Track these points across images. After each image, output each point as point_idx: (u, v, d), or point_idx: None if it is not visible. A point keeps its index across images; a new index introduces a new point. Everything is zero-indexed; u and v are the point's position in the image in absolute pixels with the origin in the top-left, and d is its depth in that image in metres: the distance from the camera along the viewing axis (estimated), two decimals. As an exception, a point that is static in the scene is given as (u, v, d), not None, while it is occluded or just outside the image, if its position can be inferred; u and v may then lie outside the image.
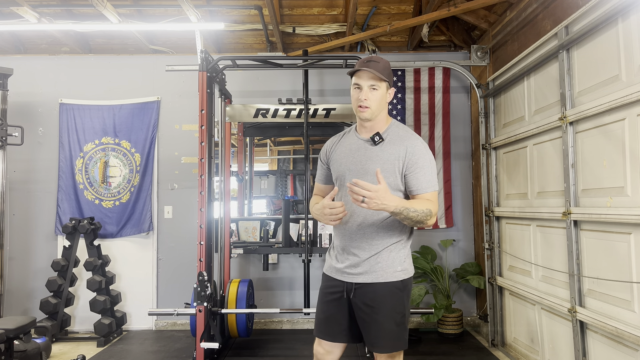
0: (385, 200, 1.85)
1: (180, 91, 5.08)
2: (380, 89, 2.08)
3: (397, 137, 2.11)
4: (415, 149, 2.06)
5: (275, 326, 4.95)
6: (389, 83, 2.11)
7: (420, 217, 1.94)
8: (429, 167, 2.06)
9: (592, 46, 2.84)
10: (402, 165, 2.05)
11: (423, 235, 5.01)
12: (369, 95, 2.06)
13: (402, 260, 2.10)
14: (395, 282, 2.06)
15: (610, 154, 2.65)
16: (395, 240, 2.09)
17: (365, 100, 2.06)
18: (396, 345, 2.07)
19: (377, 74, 2.03)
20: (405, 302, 2.10)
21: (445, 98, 5.03)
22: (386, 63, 2.11)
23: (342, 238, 2.16)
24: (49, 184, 4.99)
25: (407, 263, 2.13)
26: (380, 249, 2.07)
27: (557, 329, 3.25)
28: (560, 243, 3.17)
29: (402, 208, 1.90)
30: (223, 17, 4.76)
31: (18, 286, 4.90)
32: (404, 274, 2.10)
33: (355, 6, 4.23)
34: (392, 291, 2.05)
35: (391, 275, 2.06)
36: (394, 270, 2.07)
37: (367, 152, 2.12)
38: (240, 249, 4.42)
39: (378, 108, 2.09)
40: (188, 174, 5.03)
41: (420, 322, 4.88)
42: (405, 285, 2.10)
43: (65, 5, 4.43)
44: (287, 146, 5.92)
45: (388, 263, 2.07)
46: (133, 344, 4.46)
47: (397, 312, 2.06)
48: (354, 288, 2.08)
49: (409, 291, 2.13)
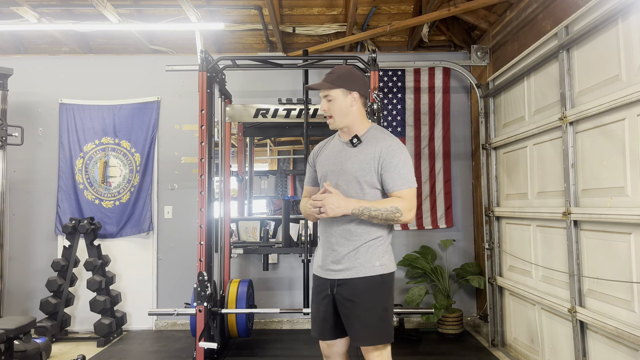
0: (340, 205, 2.01)
1: (180, 91, 5.08)
2: (336, 98, 2.18)
3: (373, 139, 2.20)
4: (390, 149, 2.15)
5: (275, 326, 4.95)
6: (346, 88, 2.18)
7: (385, 215, 2.05)
8: (402, 166, 2.13)
9: (592, 46, 2.84)
10: (378, 164, 2.14)
11: (423, 235, 5.01)
12: (327, 106, 2.21)
13: (380, 255, 2.16)
14: (374, 276, 2.13)
15: (610, 154, 2.65)
16: (373, 237, 2.16)
17: (325, 111, 2.22)
18: (379, 338, 2.12)
19: (324, 84, 2.17)
20: (387, 297, 2.16)
21: (445, 98, 5.03)
22: (343, 70, 2.21)
23: (324, 237, 2.26)
24: (49, 184, 4.99)
25: (386, 259, 2.18)
26: (358, 245, 2.15)
27: (557, 329, 3.25)
28: (560, 243, 3.17)
29: (362, 208, 2.04)
30: (223, 17, 4.76)
31: (18, 286, 4.90)
32: (383, 268, 2.15)
33: (355, 6, 4.23)
34: (372, 285, 2.12)
35: (370, 270, 2.13)
36: (373, 265, 2.13)
37: (347, 154, 2.23)
38: (240, 249, 4.43)
39: (340, 115, 2.20)
40: (188, 174, 5.03)
41: (420, 322, 4.88)
42: (385, 280, 2.16)
43: (65, 5, 4.43)
44: (287, 146, 5.92)
45: (367, 258, 2.14)
46: (133, 344, 4.46)
47: (378, 306, 2.13)
48: (336, 284, 2.17)
49: (390, 286, 2.19)
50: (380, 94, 3.59)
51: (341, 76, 2.18)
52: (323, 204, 2.03)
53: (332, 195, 2.04)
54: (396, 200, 2.09)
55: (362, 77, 2.25)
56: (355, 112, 2.21)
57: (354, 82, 2.20)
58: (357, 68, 3.87)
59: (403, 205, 2.08)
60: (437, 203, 4.99)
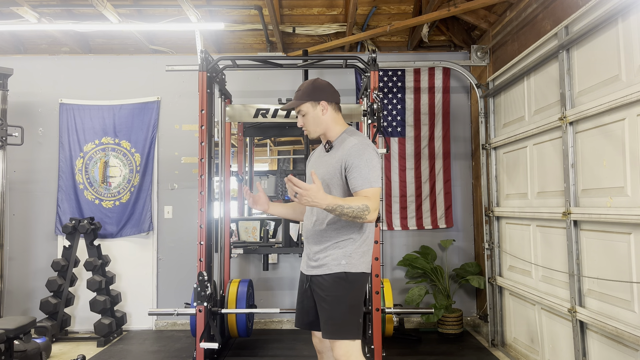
0: (317, 198, 2.01)
1: (180, 91, 5.08)
2: (307, 112, 2.31)
3: (341, 142, 2.29)
4: (351, 151, 2.20)
5: (275, 326, 4.95)
6: (312, 100, 2.29)
7: (356, 212, 2.07)
8: (364, 166, 2.17)
9: (592, 46, 2.84)
10: (342, 167, 2.22)
11: (423, 235, 5.01)
12: (302, 121, 2.34)
13: (348, 255, 2.23)
14: (339, 272, 2.21)
15: (610, 154, 2.65)
16: (342, 238, 2.24)
17: (302, 126, 2.35)
18: (340, 333, 2.18)
19: (294, 102, 2.31)
20: (351, 294, 2.22)
21: (445, 98, 5.03)
22: (307, 84, 2.32)
23: (305, 236, 2.40)
24: (49, 184, 4.99)
25: (355, 259, 2.23)
26: (329, 244, 2.25)
27: (557, 329, 3.25)
28: (560, 243, 3.17)
29: (335, 205, 2.05)
30: (223, 17, 4.76)
31: (18, 286, 4.91)
32: (349, 267, 2.22)
33: (355, 6, 4.23)
34: (336, 281, 2.21)
35: (335, 267, 2.22)
36: (338, 263, 2.22)
37: (322, 159, 2.37)
38: (240, 249, 4.43)
39: (314, 125, 2.32)
40: (188, 174, 5.03)
41: (420, 322, 4.88)
42: (350, 278, 2.21)
43: (65, 5, 4.43)
44: (287, 146, 5.92)
45: (334, 257, 2.23)
46: (133, 344, 4.46)
47: (341, 302, 2.20)
48: (310, 279, 2.31)
49: (356, 285, 2.24)
50: (380, 94, 3.58)
51: (306, 90, 2.31)
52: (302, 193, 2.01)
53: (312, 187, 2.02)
54: (364, 199, 2.12)
55: (326, 85, 2.35)
56: (328, 119, 2.31)
57: (319, 92, 2.31)
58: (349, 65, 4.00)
59: (369, 203, 2.10)
60: (437, 203, 4.99)
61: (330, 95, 2.33)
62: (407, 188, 4.99)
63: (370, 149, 2.23)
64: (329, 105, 2.31)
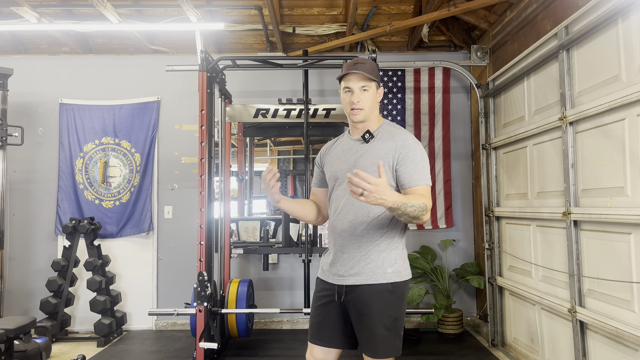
0: (385, 194, 1.72)
1: (180, 91, 5.08)
2: (370, 90, 2.09)
3: (387, 134, 2.11)
4: (406, 143, 2.04)
5: (275, 326, 4.95)
6: (378, 82, 2.13)
7: (417, 212, 1.85)
8: (420, 161, 2.01)
9: (592, 46, 2.84)
10: (393, 159, 2.02)
11: (423, 235, 5.01)
12: (361, 97, 2.07)
13: (392, 261, 2.02)
14: (385, 284, 1.98)
15: (610, 154, 2.65)
16: (386, 240, 2.02)
17: (359, 102, 2.06)
18: (386, 351, 1.98)
19: (366, 75, 2.05)
20: (397, 306, 2.01)
21: (445, 98, 5.03)
22: (373, 64, 2.13)
23: (333, 238, 2.11)
24: (49, 184, 4.99)
25: (400, 265, 2.03)
26: (370, 248, 2.02)
27: (557, 329, 3.25)
28: (560, 243, 3.17)
29: (400, 203, 1.79)
30: (223, 17, 4.76)
31: (18, 286, 4.91)
32: (395, 276, 2.01)
33: (355, 6, 4.23)
34: (381, 293, 1.98)
35: (381, 277, 1.99)
36: (384, 272, 2.00)
37: (359, 150, 2.11)
38: (240, 249, 4.42)
39: (371, 108, 2.10)
40: (188, 174, 5.03)
41: (420, 322, 4.88)
42: (397, 289, 2.00)
43: (65, 5, 4.43)
44: (287, 146, 5.92)
45: (377, 264, 2.00)
46: (133, 344, 4.46)
47: (388, 316, 1.98)
48: (345, 291, 2.03)
49: (403, 295, 2.03)
50: (380, 94, 3.58)
51: (374, 69, 2.11)
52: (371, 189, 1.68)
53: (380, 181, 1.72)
54: (422, 197, 1.92)
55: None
56: (376, 106, 2.15)
57: (379, 78, 2.16)
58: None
59: (429, 203, 1.92)
60: (437, 203, 4.99)
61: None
62: (407, 188, 4.98)
63: (421, 145, 2.09)
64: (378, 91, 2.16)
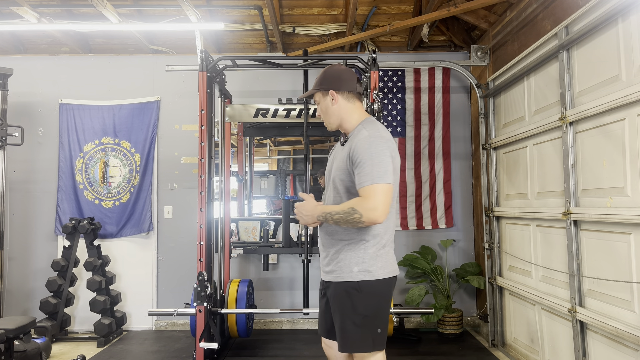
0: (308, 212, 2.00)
1: (180, 91, 5.08)
2: (319, 101, 2.19)
3: (352, 136, 2.10)
4: (357, 145, 2.01)
5: (275, 326, 4.95)
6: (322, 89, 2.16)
7: (344, 217, 1.93)
8: (365, 161, 1.96)
9: (592, 46, 2.84)
10: (350, 162, 2.03)
11: (423, 235, 5.01)
12: (318, 110, 2.23)
13: (360, 260, 2.03)
14: (351, 282, 2.02)
15: (610, 154, 2.65)
16: (354, 238, 2.05)
17: (320, 117, 2.23)
18: (354, 346, 2.02)
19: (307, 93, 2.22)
20: (366, 303, 2.01)
21: (445, 98, 5.03)
22: (322, 72, 2.19)
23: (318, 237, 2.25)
24: (49, 184, 4.99)
25: (369, 264, 2.02)
26: (340, 247, 2.07)
27: (557, 329, 3.25)
28: (560, 243, 3.17)
29: (325, 214, 1.98)
30: (223, 17, 4.76)
31: (18, 286, 4.90)
32: (363, 275, 2.02)
33: (355, 6, 4.23)
34: (348, 291, 2.02)
35: (347, 276, 2.03)
36: (350, 271, 2.03)
37: (337, 154, 2.20)
38: (240, 249, 4.42)
39: (327, 116, 2.18)
40: (188, 174, 5.03)
41: (420, 322, 4.88)
42: (365, 287, 2.01)
43: (65, 5, 4.43)
44: (287, 146, 5.92)
45: (345, 263, 2.05)
46: (133, 344, 4.46)
47: (356, 313, 2.01)
48: (325, 285, 2.17)
49: (374, 293, 2.03)
50: (380, 94, 3.59)
51: (319, 79, 2.17)
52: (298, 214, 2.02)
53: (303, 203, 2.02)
54: (354, 201, 1.95)
55: (338, 72, 2.16)
56: (339, 110, 2.14)
57: (328, 80, 2.14)
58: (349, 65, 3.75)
59: (360, 204, 1.91)
60: (437, 203, 4.99)
61: (340, 82, 2.13)
62: (407, 188, 4.99)
63: (380, 140, 2.00)
64: (338, 94, 2.13)
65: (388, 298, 2.09)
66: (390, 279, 2.07)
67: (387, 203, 1.93)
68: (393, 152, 2.04)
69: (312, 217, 2.03)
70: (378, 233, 2.06)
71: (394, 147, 2.07)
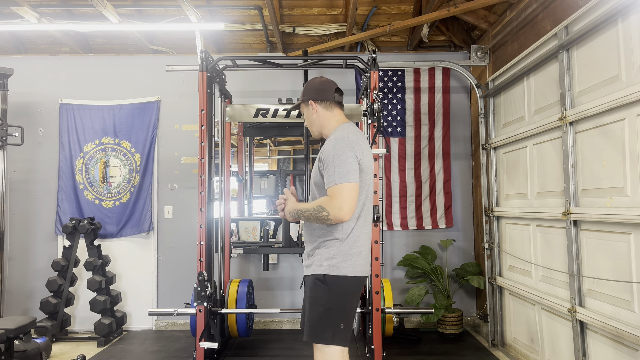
0: (286, 207, 2.22)
1: (180, 91, 5.08)
2: (303, 112, 2.39)
3: (326, 141, 2.27)
4: (324, 148, 2.19)
5: (275, 326, 4.95)
6: (303, 100, 2.36)
7: (313, 214, 2.08)
8: (330, 162, 2.10)
9: (592, 46, 2.84)
10: (320, 165, 2.19)
11: (423, 235, 5.01)
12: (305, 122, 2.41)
13: (331, 256, 2.14)
14: (318, 274, 2.14)
15: (610, 154, 2.65)
16: (329, 237, 2.17)
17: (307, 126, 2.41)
18: (314, 336, 2.12)
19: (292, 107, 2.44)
20: (329, 298, 2.11)
21: (445, 98, 5.03)
22: (304, 87, 2.39)
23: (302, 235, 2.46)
24: (49, 184, 4.99)
25: (338, 261, 2.13)
26: (316, 243, 2.21)
27: (557, 329, 3.25)
28: (560, 243, 3.17)
29: (297, 211, 2.16)
30: (223, 17, 4.76)
31: (18, 286, 4.91)
32: (330, 269, 2.13)
33: (355, 6, 4.23)
34: (315, 283, 2.15)
35: (317, 268, 2.16)
36: (320, 265, 2.15)
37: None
38: (240, 249, 4.43)
39: (310, 125, 2.38)
40: (188, 174, 5.03)
41: (420, 322, 4.88)
42: (329, 280, 2.12)
43: (65, 5, 4.43)
44: (287, 146, 5.92)
45: (318, 257, 2.17)
46: (133, 344, 4.46)
47: (319, 305, 2.12)
48: (304, 280, 2.31)
49: (337, 289, 2.12)
50: (380, 94, 3.58)
51: (302, 91, 2.37)
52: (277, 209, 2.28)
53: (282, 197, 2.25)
54: (322, 199, 2.10)
55: (316, 84, 2.34)
56: (319, 118, 2.33)
57: (308, 91, 2.34)
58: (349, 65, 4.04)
59: (328, 202, 2.05)
60: (437, 203, 4.99)
61: (319, 93, 2.32)
62: (407, 188, 4.99)
63: (343, 142, 2.13)
64: (316, 104, 2.32)
65: (354, 295, 2.18)
66: (357, 277, 2.17)
67: (352, 201, 2.06)
68: (359, 152, 2.15)
69: (286, 212, 2.23)
70: (353, 232, 2.17)
71: (363, 147, 2.20)
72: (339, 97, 2.36)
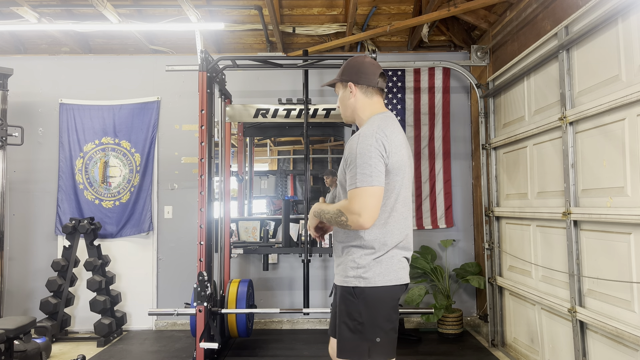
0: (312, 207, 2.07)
1: (180, 91, 5.08)
2: (339, 93, 2.13)
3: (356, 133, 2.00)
4: (349, 145, 1.93)
5: (275, 326, 4.95)
6: (342, 80, 2.08)
7: (333, 218, 1.89)
8: (351, 164, 1.87)
9: (592, 46, 2.84)
10: (345, 162, 1.97)
11: (423, 235, 5.01)
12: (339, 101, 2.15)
13: (355, 265, 1.93)
14: (347, 287, 1.94)
15: (610, 154, 2.65)
16: (351, 242, 1.97)
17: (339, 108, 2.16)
18: (346, 352, 1.92)
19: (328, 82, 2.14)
20: (363, 312, 1.89)
21: (445, 98, 5.03)
22: (346, 63, 2.10)
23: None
24: (49, 184, 4.99)
25: (365, 270, 1.92)
26: (341, 249, 2.02)
27: (557, 329, 3.25)
28: (560, 243, 3.17)
29: (320, 211, 2.00)
30: (223, 17, 4.76)
31: (18, 286, 4.91)
32: (358, 281, 1.91)
33: (355, 6, 4.23)
34: (345, 296, 1.94)
35: (343, 280, 1.96)
36: (346, 275, 1.95)
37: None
38: (240, 249, 4.43)
39: (343, 109, 2.12)
40: (188, 174, 5.03)
41: (420, 322, 4.88)
42: (361, 294, 1.90)
43: (65, 5, 4.43)
44: (287, 146, 5.92)
45: (343, 267, 1.99)
46: (133, 344, 4.46)
47: (351, 319, 1.91)
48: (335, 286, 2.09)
49: (371, 302, 1.91)
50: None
51: (341, 68, 2.08)
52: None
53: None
54: (342, 203, 1.89)
55: (359, 64, 2.05)
56: (355, 103, 2.05)
57: (348, 71, 2.05)
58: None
59: (346, 207, 1.83)
60: (437, 203, 4.99)
61: (360, 76, 2.02)
62: (407, 188, 4.98)
63: (368, 139, 1.87)
64: (356, 87, 2.03)
65: (389, 306, 1.94)
66: (391, 287, 1.93)
67: (374, 207, 1.82)
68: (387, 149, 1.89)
69: (311, 211, 2.08)
70: (378, 242, 1.93)
71: (396, 143, 1.93)
72: (382, 83, 2.06)
